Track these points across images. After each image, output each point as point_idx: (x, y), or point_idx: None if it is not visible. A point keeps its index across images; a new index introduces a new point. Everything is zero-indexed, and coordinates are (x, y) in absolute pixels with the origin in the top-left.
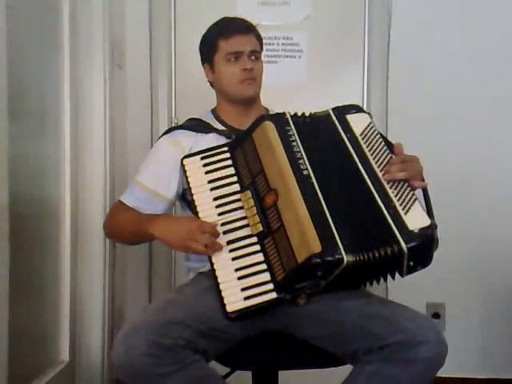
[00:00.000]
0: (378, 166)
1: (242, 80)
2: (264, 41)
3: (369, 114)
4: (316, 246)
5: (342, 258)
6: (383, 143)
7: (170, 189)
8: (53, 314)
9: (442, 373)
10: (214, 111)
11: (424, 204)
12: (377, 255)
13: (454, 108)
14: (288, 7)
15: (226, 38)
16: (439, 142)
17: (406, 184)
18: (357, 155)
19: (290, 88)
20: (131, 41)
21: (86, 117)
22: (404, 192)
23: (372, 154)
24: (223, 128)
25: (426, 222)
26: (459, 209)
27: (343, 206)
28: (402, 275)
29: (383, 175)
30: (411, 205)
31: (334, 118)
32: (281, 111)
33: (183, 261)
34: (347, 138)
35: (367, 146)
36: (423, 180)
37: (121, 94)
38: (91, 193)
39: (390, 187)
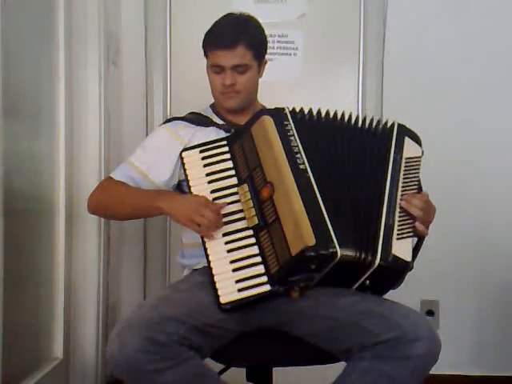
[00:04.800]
0: (402, 192)
1: (222, 92)
2: None
3: (423, 151)
4: (310, 239)
5: (336, 252)
6: (417, 179)
7: (161, 176)
8: (47, 310)
9: (436, 370)
10: (213, 106)
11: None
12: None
13: (450, 102)
14: (283, 5)
15: (211, 51)
16: (435, 136)
17: (412, 221)
18: (391, 172)
19: (285, 85)
20: (126, 38)
21: (80, 114)
22: (407, 225)
23: (404, 180)
24: (222, 122)
25: (408, 257)
26: (453, 206)
27: (341, 203)
28: (351, 286)
29: (402, 200)
30: (405, 237)
31: (395, 132)
32: (280, 106)
33: (178, 258)
34: (394, 153)
35: (404, 171)
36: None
37: (116, 92)
38: (86, 190)
39: (400, 213)
